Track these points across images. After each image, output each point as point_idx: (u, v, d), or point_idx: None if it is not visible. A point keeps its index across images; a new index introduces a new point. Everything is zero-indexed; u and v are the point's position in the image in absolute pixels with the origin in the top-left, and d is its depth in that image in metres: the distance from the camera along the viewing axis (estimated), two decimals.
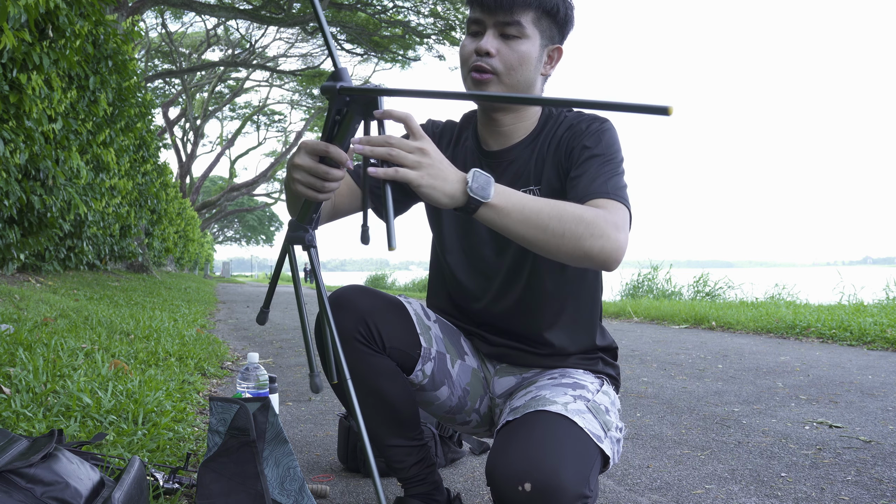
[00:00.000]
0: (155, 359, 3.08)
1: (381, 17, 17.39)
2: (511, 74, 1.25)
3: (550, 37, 1.29)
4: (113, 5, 9.42)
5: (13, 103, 4.14)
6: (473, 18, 1.27)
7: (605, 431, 1.16)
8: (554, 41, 1.30)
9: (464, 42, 1.30)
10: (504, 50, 1.24)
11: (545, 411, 1.14)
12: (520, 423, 1.14)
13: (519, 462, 1.04)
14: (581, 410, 1.16)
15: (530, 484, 1.01)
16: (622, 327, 6.46)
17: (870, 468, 1.89)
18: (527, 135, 1.35)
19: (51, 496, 0.99)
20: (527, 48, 1.25)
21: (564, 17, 1.28)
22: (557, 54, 1.32)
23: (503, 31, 1.24)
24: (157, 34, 22.75)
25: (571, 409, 1.15)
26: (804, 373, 3.55)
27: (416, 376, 1.33)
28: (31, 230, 5.40)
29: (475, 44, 1.26)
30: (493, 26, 1.25)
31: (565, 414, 1.13)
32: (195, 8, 15.64)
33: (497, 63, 1.25)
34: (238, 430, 1.30)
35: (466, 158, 1.40)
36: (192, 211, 22.01)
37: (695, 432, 2.32)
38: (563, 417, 1.12)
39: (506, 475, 1.04)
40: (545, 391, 1.22)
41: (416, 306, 1.38)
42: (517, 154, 1.35)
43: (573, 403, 1.17)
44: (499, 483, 1.05)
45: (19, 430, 1.66)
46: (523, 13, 1.23)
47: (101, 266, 9.71)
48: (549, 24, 1.27)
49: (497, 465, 1.07)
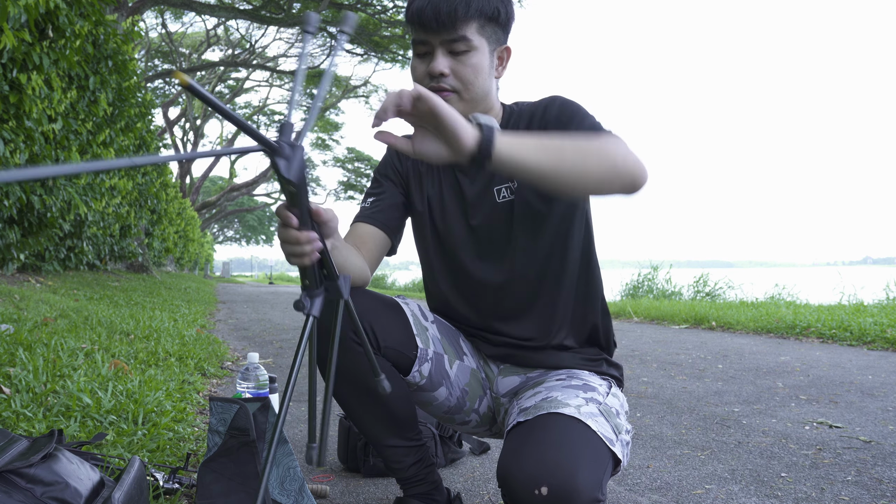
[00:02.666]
0: (155, 359, 3.08)
1: (381, 17, 17.39)
2: (469, 89, 1.26)
3: (497, 40, 1.29)
4: (113, 5, 9.41)
5: (13, 103, 4.14)
6: (418, 40, 1.26)
7: (616, 434, 1.16)
8: (501, 42, 1.30)
9: (413, 64, 1.29)
10: (457, 67, 1.24)
11: (559, 414, 1.13)
12: (532, 424, 1.14)
13: (535, 465, 1.03)
14: (594, 413, 1.15)
15: (547, 488, 1.00)
16: (622, 327, 6.46)
17: (870, 468, 1.89)
18: None
19: (51, 496, 0.99)
20: (478, 59, 1.25)
21: (506, 18, 1.28)
22: (507, 54, 1.32)
23: (451, 48, 1.24)
24: (157, 34, 22.76)
25: (584, 412, 1.14)
26: (804, 373, 3.55)
27: (413, 377, 1.33)
28: (31, 230, 5.40)
29: (425, 65, 1.26)
30: (441, 45, 1.24)
31: (579, 417, 1.12)
32: (195, 8, 15.64)
33: (454, 81, 1.25)
34: (238, 430, 1.30)
35: (439, 165, 1.40)
36: (192, 211, 22.01)
37: (695, 432, 2.32)
38: (576, 420, 1.12)
39: (521, 478, 1.03)
40: (556, 392, 1.22)
41: (413, 307, 1.38)
42: None
43: (585, 406, 1.17)
44: (513, 486, 1.04)
45: (19, 430, 1.66)
46: (467, 26, 1.22)
47: (101, 266, 9.71)
48: (492, 28, 1.27)
49: (511, 468, 1.06)
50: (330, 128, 30.95)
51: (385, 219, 1.40)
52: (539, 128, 1.29)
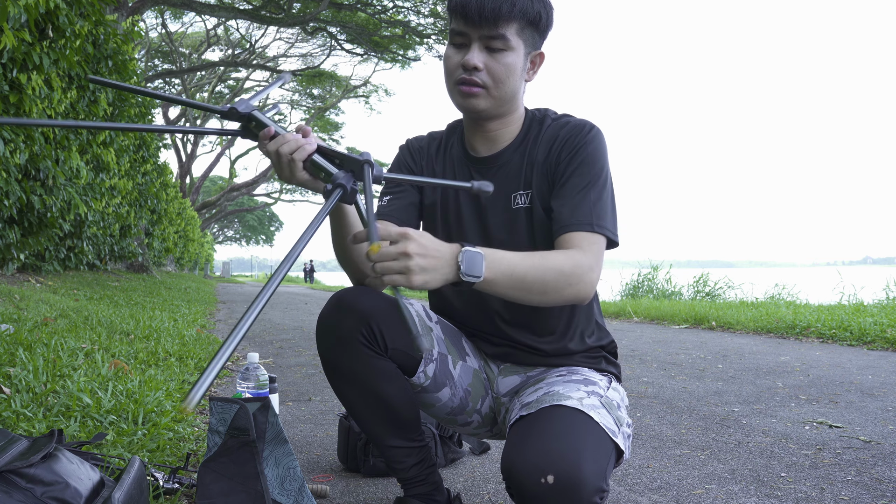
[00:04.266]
0: (155, 359, 3.08)
1: (381, 17, 17.38)
2: (499, 87, 1.28)
3: (533, 44, 1.30)
4: (113, 5, 9.41)
5: (13, 103, 4.14)
6: (457, 30, 1.27)
7: (618, 426, 1.18)
8: (536, 47, 1.31)
9: (447, 52, 1.31)
10: (491, 63, 1.26)
11: (561, 406, 1.15)
12: (536, 417, 1.15)
13: (540, 455, 1.04)
14: (595, 405, 1.17)
15: (553, 476, 1.01)
16: (622, 327, 6.46)
17: (870, 468, 1.89)
18: (513, 139, 1.38)
19: (51, 496, 0.99)
20: (512, 60, 1.26)
21: (546, 24, 1.30)
22: (540, 59, 1.34)
23: (488, 44, 1.25)
24: (157, 34, 22.75)
25: (587, 404, 1.16)
26: (804, 373, 3.55)
27: (418, 378, 1.33)
28: (31, 230, 5.40)
29: (460, 56, 1.28)
30: (479, 39, 1.25)
31: (581, 408, 1.14)
32: (195, 8, 15.63)
33: (485, 77, 1.26)
34: (238, 430, 1.30)
35: (454, 165, 1.43)
36: (192, 211, 22.01)
37: (695, 432, 2.32)
38: (579, 412, 1.13)
39: (527, 468, 1.04)
40: (557, 387, 1.24)
41: (417, 307, 1.38)
42: (506, 158, 1.37)
43: (587, 399, 1.19)
44: (519, 476, 1.05)
45: (19, 430, 1.66)
46: (508, 26, 1.24)
47: (101, 266, 9.71)
48: (531, 32, 1.28)
49: (516, 459, 1.07)
50: (330, 128, 30.95)
51: (403, 217, 1.41)
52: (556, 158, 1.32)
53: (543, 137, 1.35)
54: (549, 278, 1.16)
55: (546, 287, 1.17)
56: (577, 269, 1.19)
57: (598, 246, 1.24)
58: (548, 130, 1.35)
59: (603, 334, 1.44)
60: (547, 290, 1.17)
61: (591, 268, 1.21)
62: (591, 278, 1.20)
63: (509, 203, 1.35)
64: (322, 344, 1.30)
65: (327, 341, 1.28)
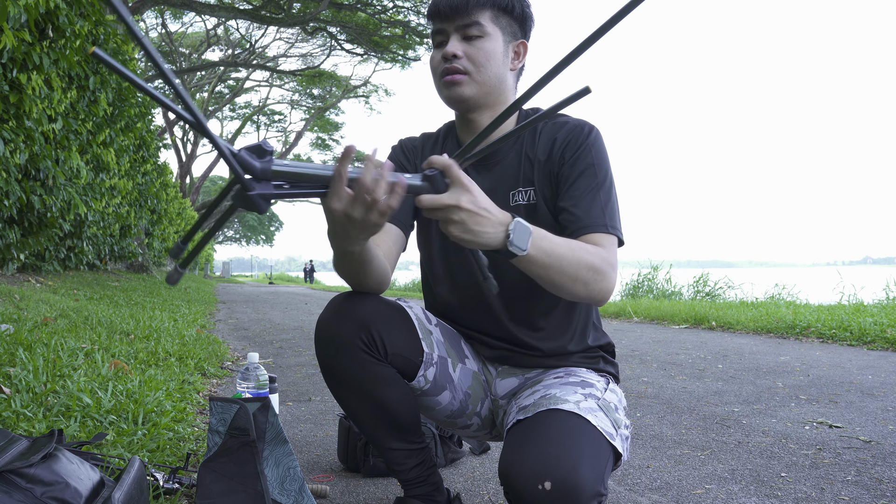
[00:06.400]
0: (155, 359, 3.08)
1: (381, 17, 17.38)
2: (481, 71, 1.30)
3: (512, 33, 1.33)
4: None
5: (13, 103, 4.14)
6: (436, 30, 1.32)
7: (616, 429, 1.17)
8: (517, 37, 1.34)
9: (432, 55, 1.35)
10: (469, 50, 1.29)
11: (558, 410, 1.14)
12: (533, 421, 1.15)
13: (537, 461, 1.04)
14: (593, 409, 1.17)
15: (550, 482, 1.01)
16: (622, 327, 6.46)
17: (870, 468, 1.89)
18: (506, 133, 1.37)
19: (51, 496, 0.99)
20: (490, 45, 1.30)
21: (521, 13, 1.33)
22: (523, 49, 1.36)
23: (465, 33, 1.29)
24: (157, 34, 22.73)
25: (584, 408, 1.15)
26: (804, 373, 3.55)
27: (418, 382, 1.32)
28: (31, 230, 5.40)
29: (441, 52, 1.31)
30: (455, 31, 1.30)
31: (578, 412, 1.13)
32: (195, 8, 15.63)
33: (466, 63, 1.30)
34: (238, 430, 1.30)
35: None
36: (192, 211, 21.99)
37: (695, 432, 2.32)
38: (576, 416, 1.13)
39: (524, 474, 1.04)
40: (555, 390, 1.23)
41: (417, 310, 1.37)
42: (502, 154, 1.37)
43: (584, 402, 1.18)
44: (517, 482, 1.05)
45: (19, 430, 1.66)
46: (480, 13, 1.28)
47: (101, 266, 9.71)
48: (507, 20, 1.32)
49: (514, 464, 1.07)
50: (330, 128, 30.94)
51: (400, 214, 1.40)
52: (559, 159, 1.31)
53: (541, 135, 1.34)
54: (582, 269, 1.14)
55: (577, 277, 1.14)
56: (605, 266, 1.18)
57: (614, 247, 1.24)
58: (545, 128, 1.35)
59: (600, 335, 1.44)
60: (578, 278, 1.14)
61: (614, 267, 1.21)
62: (613, 278, 1.20)
63: (507, 201, 1.35)
64: (321, 351, 1.29)
65: (327, 349, 1.27)
